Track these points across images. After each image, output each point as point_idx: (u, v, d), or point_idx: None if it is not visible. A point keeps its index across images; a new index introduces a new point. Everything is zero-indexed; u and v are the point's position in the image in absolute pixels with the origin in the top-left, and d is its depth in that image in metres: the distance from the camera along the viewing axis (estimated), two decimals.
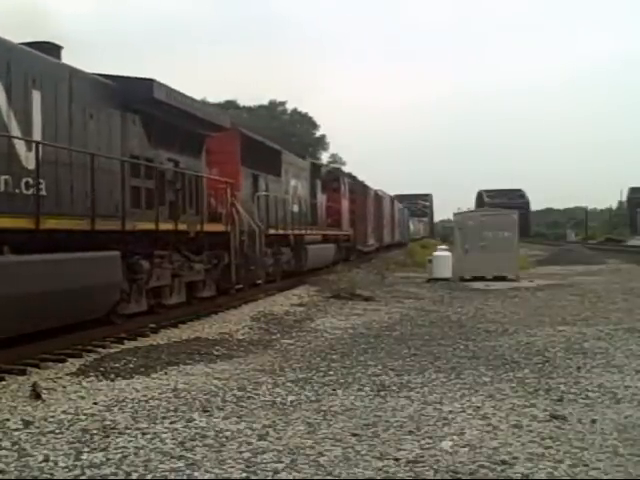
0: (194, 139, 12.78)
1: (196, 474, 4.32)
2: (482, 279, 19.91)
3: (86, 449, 4.80)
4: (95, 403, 6.12)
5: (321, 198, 23.34)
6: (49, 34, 8.77)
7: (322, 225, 22.93)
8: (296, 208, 19.42)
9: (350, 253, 27.87)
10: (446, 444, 4.85)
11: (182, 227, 11.54)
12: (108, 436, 5.11)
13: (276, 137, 26.85)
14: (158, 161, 11.19)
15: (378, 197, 37.54)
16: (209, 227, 12.75)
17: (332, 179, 26.04)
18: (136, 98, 10.41)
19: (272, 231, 16.21)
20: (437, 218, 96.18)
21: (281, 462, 4.51)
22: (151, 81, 10.45)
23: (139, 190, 10.57)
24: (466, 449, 4.75)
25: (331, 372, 7.45)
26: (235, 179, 14.33)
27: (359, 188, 31.01)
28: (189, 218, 11.99)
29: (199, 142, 13.07)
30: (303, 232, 19.29)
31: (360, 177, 34.22)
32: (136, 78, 10.43)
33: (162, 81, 10.86)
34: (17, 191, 7.78)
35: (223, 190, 13.69)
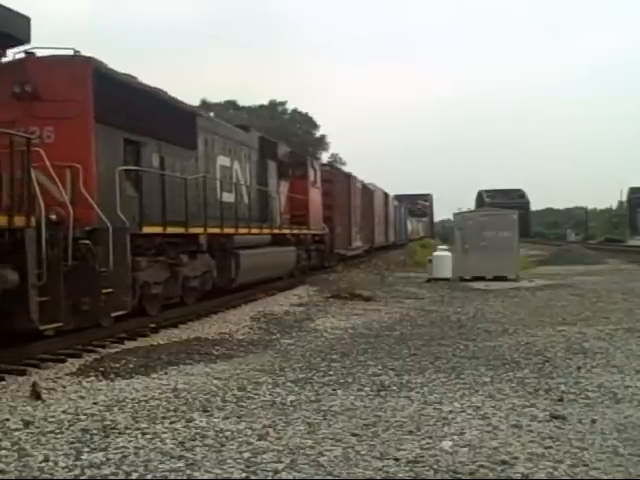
0: None
1: (196, 474, 4.32)
2: (482, 279, 19.89)
3: (86, 449, 4.81)
4: (95, 403, 6.13)
5: (277, 186, 17.94)
6: (47, 34, 8.75)
7: (283, 221, 18.03)
8: (229, 197, 14.09)
9: (325, 258, 22.82)
10: (446, 444, 4.85)
11: None
12: (108, 436, 5.11)
13: (276, 137, 24.21)
14: None
15: (367, 191, 32.85)
16: None
17: (296, 163, 20.15)
18: None
19: (155, 230, 10.70)
20: (437, 218, 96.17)
21: (281, 462, 4.51)
22: None
23: None
24: (466, 449, 4.75)
25: (331, 372, 7.45)
26: (77, 143, 9.26)
27: (339, 178, 26.05)
28: None
29: None
30: (232, 231, 13.68)
31: (360, 177, 32.03)
32: None
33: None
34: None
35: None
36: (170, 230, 11.17)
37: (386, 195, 40.90)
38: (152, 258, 10.76)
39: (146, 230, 10.39)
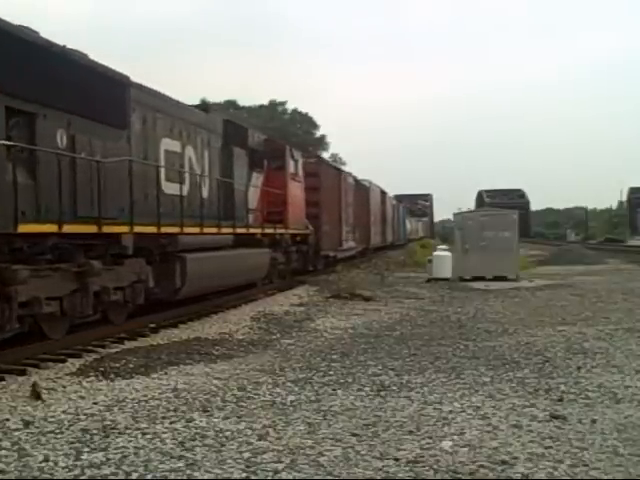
0: None
1: (196, 474, 4.32)
2: (482, 279, 19.89)
3: (86, 449, 4.81)
4: (95, 403, 6.13)
5: (248, 178, 15.42)
6: (47, 34, 8.69)
7: (255, 219, 15.69)
8: (177, 189, 11.50)
9: (309, 261, 20.52)
10: (446, 444, 4.85)
11: None
12: (108, 436, 5.11)
13: (276, 137, 23.35)
14: None
15: (362, 188, 30.78)
16: None
17: (272, 153, 17.31)
18: None
19: (41, 229, 8.10)
20: (437, 218, 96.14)
21: (281, 462, 4.51)
22: None
23: None
24: (466, 449, 4.75)
25: (331, 372, 7.45)
26: None
27: (328, 172, 23.28)
28: None
29: None
30: (176, 230, 11.13)
31: (360, 177, 31.44)
32: None
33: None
34: None
35: None
36: (70, 229, 8.44)
37: (383, 193, 38.81)
38: (46, 266, 8.37)
39: (25, 229, 7.72)
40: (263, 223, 16.06)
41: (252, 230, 15.00)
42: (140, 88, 10.86)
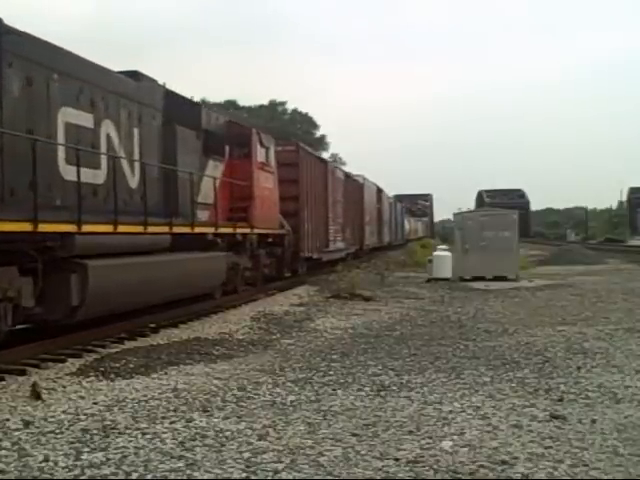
0: None
1: (196, 474, 4.32)
2: (482, 279, 19.89)
3: (86, 449, 4.81)
4: (95, 403, 6.13)
5: (202, 167, 12.92)
6: (48, 33, 8.68)
7: (211, 216, 12.98)
8: (87, 175, 9.01)
9: (285, 265, 17.96)
10: (446, 444, 4.85)
11: None
12: (108, 436, 5.11)
13: (276, 137, 22.82)
14: None
15: (354, 183, 28.43)
16: None
17: (236, 138, 14.66)
18: None
19: None
20: (437, 218, 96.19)
21: (281, 462, 4.51)
22: None
23: None
24: (466, 449, 4.75)
25: (331, 372, 7.45)
26: None
27: (310, 162, 20.40)
28: None
29: None
30: (71, 228, 8.37)
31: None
32: None
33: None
34: None
35: None
36: None
37: (379, 190, 36.59)
38: None
39: None
40: (223, 221, 13.37)
41: (199, 229, 12.04)
42: (24, 37, 8.14)
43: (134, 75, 11.08)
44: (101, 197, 9.51)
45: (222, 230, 13.10)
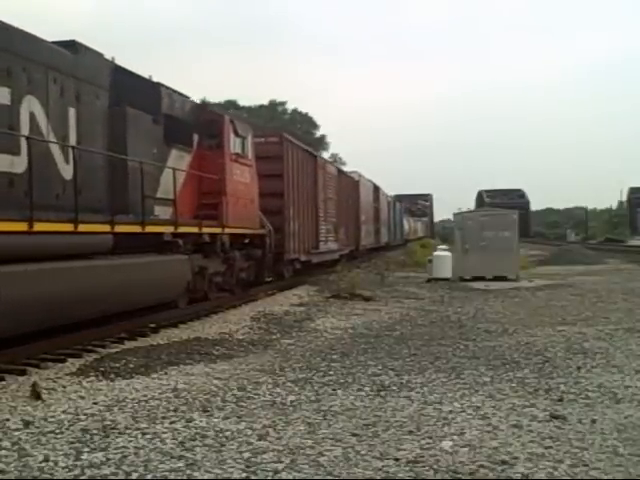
0: None
1: (196, 474, 4.32)
2: (482, 279, 19.89)
3: (86, 449, 4.80)
4: (95, 403, 6.12)
5: (160, 156, 11.29)
6: (50, 32, 8.67)
7: (175, 213, 11.36)
8: (1, 163, 7.75)
9: (266, 268, 16.29)
10: (446, 444, 4.85)
11: None
12: (108, 436, 5.11)
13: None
14: None
15: (348, 180, 27.05)
16: None
17: (206, 126, 13.11)
18: None
19: None
20: (437, 218, 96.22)
21: (281, 462, 4.51)
22: None
23: None
24: (466, 449, 4.75)
25: (331, 372, 7.45)
26: None
27: (295, 155, 18.59)
28: None
29: None
30: None
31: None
32: None
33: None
34: None
35: None
36: None
37: (377, 188, 35.19)
38: None
39: None
40: (188, 219, 12.01)
41: (152, 228, 10.35)
42: None
43: (71, 45, 9.35)
44: (20, 189, 7.76)
45: (183, 229, 11.37)
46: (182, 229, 11.35)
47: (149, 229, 10.26)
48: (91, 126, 9.58)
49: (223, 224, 13.04)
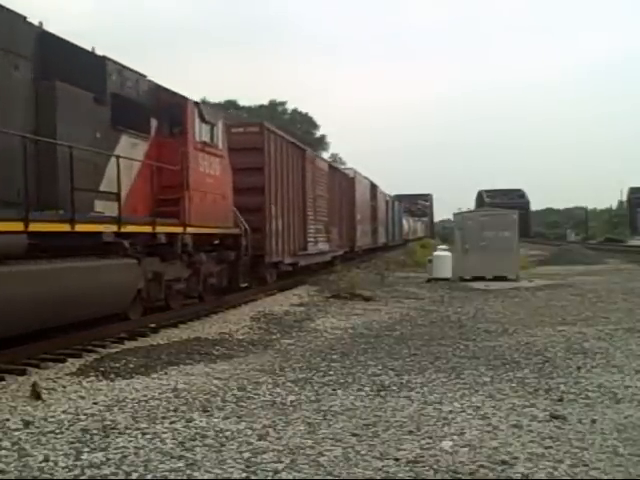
0: None
1: (196, 474, 4.32)
2: (482, 279, 19.89)
3: (86, 449, 4.80)
4: (95, 403, 6.12)
5: (105, 142, 9.63)
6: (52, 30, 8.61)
7: (125, 209, 9.73)
8: None
9: (240, 273, 14.18)
10: (446, 444, 4.85)
11: None
12: (108, 436, 5.11)
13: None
14: None
15: (342, 177, 25.69)
16: None
17: (166, 110, 11.45)
18: None
19: None
20: (437, 218, 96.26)
21: (281, 462, 4.51)
22: None
23: None
24: (466, 449, 4.75)
25: (331, 372, 7.45)
26: None
27: (279, 147, 16.92)
28: None
29: None
30: None
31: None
32: None
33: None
34: None
35: None
36: None
37: (374, 186, 33.60)
38: None
39: None
40: (142, 215, 10.49)
41: (85, 227, 8.70)
42: None
43: None
44: None
45: (130, 229, 9.69)
46: (128, 228, 9.63)
47: (80, 228, 8.54)
48: (5, 102, 7.99)
49: (185, 222, 11.39)
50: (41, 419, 5.59)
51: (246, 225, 14.28)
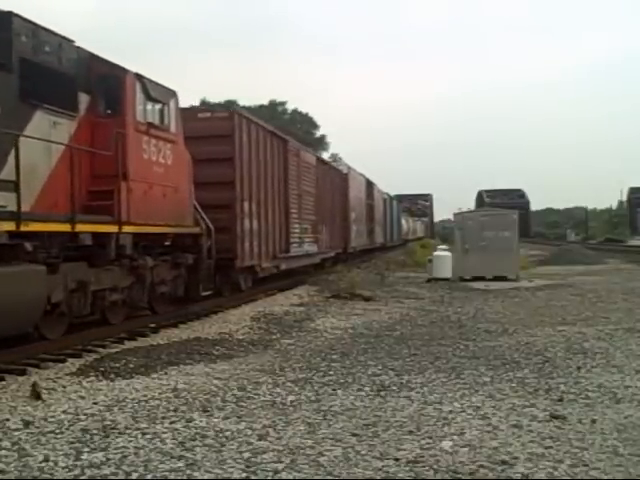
0: None
1: (196, 474, 4.32)
2: (482, 279, 19.89)
3: (86, 449, 4.81)
4: (95, 403, 6.13)
5: (14, 120, 7.66)
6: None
7: (42, 204, 8.20)
8: None
9: (200, 280, 12.20)
10: (446, 444, 4.85)
11: None
12: (108, 436, 5.11)
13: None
14: None
15: (334, 172, 24.07)
16: None
17: (101, 83, 9.57)
18: None
19: None
20: (437, 218, 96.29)
21: (281, 462, 4.51)
22: None
23: None
24: (466, 449, 4.75)
25: (331, 372, 7.45)
26: None
27: (253, 135, 14.69)
28: None
29: None
30: None
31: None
32: None
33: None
34: None
35: None
36: None
37: (370, 183, 31.80)
38: None
39: None
40: (59, 211, 8.45)
41: None
42: None
43: None
44: None
45: (35, 227, 7.79)
46: (32, 226, 7.71)
47: None
48: None
49: (120, 220, 9.42)
50: (41, 419, 5.59)
51: (209, 223, 12.37)
